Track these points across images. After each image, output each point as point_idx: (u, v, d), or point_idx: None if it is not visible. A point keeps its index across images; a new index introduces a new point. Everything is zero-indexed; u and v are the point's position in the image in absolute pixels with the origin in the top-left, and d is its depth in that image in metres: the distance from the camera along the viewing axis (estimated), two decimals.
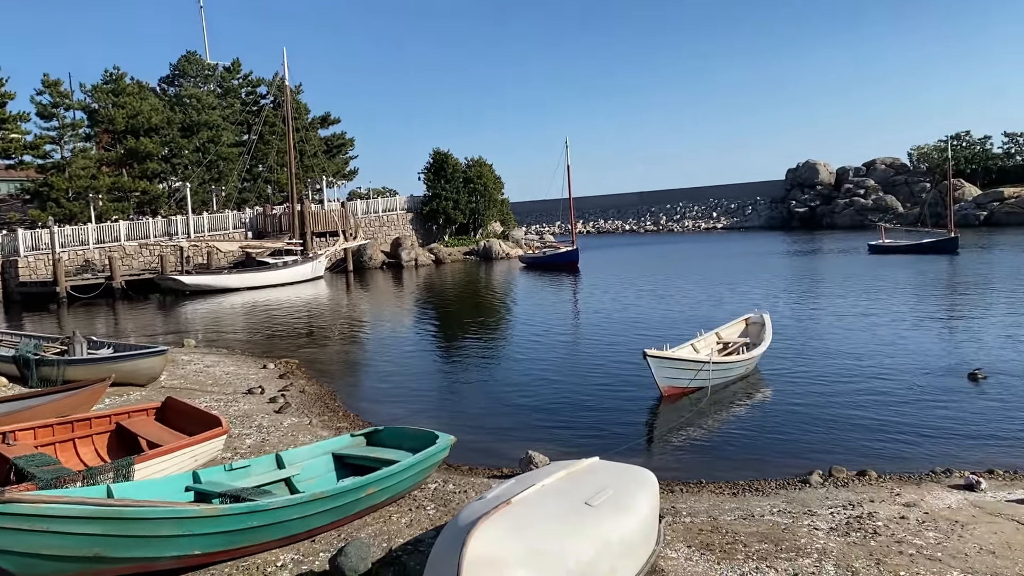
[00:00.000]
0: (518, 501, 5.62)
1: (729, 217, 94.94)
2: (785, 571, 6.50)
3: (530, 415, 14.00)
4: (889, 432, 11.94)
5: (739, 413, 13.70)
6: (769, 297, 28.48)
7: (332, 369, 19.35)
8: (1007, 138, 79.37)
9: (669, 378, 14.55)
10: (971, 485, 8.91)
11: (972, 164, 77.05)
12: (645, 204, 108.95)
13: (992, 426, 11.99)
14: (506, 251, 60.31)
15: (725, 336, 18.02)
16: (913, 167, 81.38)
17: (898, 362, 16.84)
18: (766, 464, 10.71)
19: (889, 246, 47.84)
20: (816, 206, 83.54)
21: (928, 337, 19.66)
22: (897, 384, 14.90)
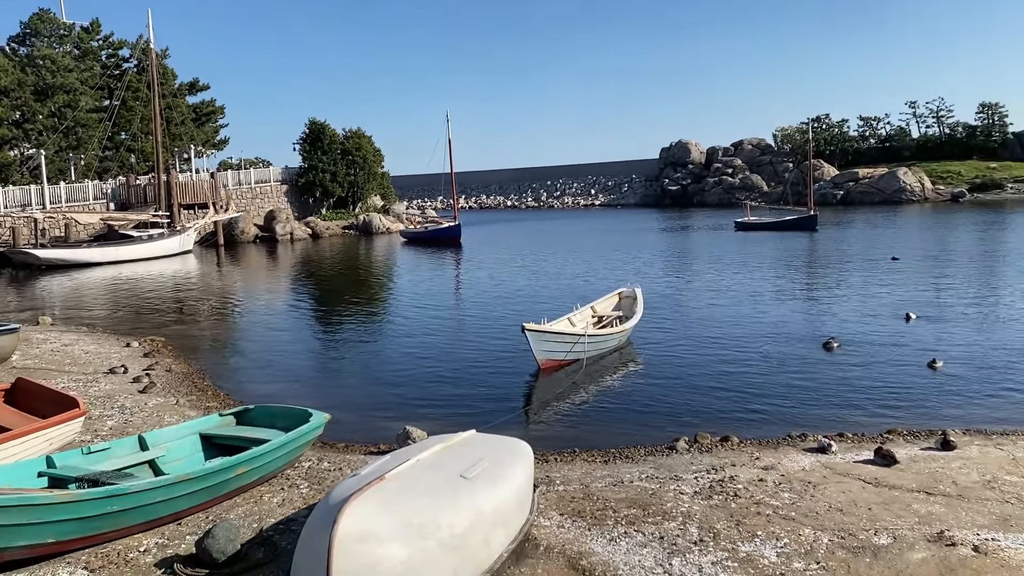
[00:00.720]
0: (392, 476, 5.59)
1: (607, 194, 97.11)
2: (652, 534, 6.76)
3: (409, 391, 13.94)
4: (751, 400, 12.59)
5: (612, 384, 14.10)
6: (642, 272, 29.38)
7: (201, 347, 18.64)
8: (862, 122, 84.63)
9: (546, 351, 14.80)
10: (823, 448, 9.52)
11: (831, 146, 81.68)
12: (526, 180, 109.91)
13: (843, 392, 12.83)
14: (387, 226, 59.57)
15: (600, 310, 18.47)
16: (777, 148, 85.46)
17: (760, 333, 17.74)
18: (637, 432, 11.09)
19: (754, 223, 50.16)
20: (687, 184, 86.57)
21: (788, 309, 20.80)
22: (759, 354, 15.70)
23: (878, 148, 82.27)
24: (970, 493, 7.74)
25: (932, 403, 12.11)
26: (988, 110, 77.69)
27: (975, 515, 7.14)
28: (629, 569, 6.11)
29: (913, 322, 18.12)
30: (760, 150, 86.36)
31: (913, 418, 11.31)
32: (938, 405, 12.00)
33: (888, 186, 69.05)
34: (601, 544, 6.60)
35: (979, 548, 6.33)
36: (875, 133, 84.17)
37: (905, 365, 14.33)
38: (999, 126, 76.96)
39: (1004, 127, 76.83)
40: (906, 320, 18.26)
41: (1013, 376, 13.42)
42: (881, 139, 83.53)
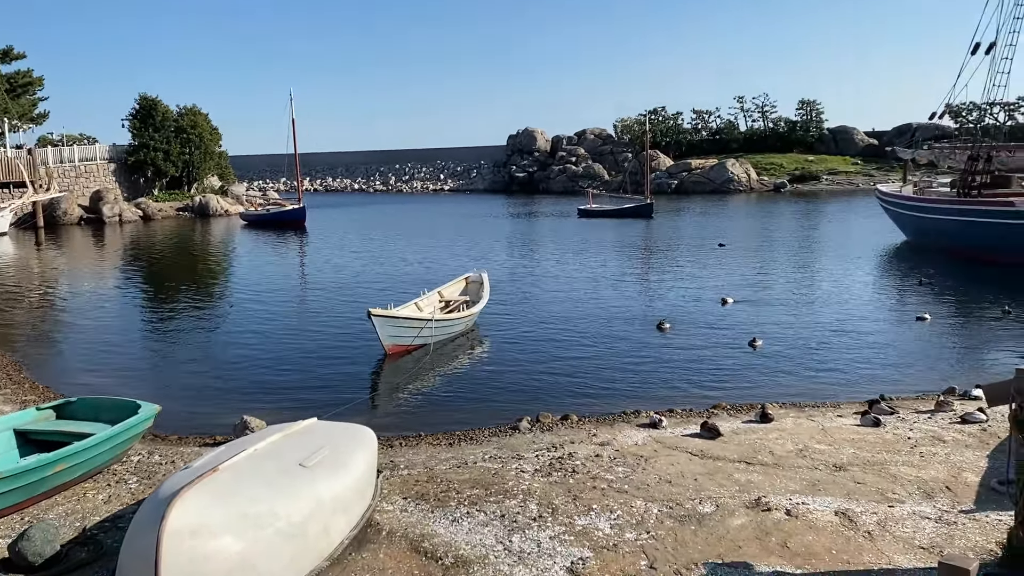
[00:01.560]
0: (226, 468, 5.42)
1: (456, 179, 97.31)
2: (494, 513, 6.92)
3: (248, 380, 13.50)
4: (590, 379, 13.08)
5: (459, 368, 14.24)
6: (489, 257, 29.74)
7: (18, 337, 17.22)
8: (695, 115, 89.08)
9: (393, 336, 14.73)
10: (655, 423, 10.05)
11: (667, 137, 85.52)
12: (375, 164, 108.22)
13: (674, 371, 13.58)
14: (225, 208, 57.01)
15: (447, 295, 18.56)
16: (618, 138, 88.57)
17: (600, 316, 18.43)
18: (482, 414, 11.27)
19: (596, 210, 51.82)
20: (534, 172, 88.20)
21: (625, 293, 21.70)
22: (598, 336, 16.32)
23: (709, 140, 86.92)
24: (785, 461, 8.41)
25: (753, 379, 13.04)
26: (807, 107, 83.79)
27: (788, 481, 7.77)
28: (471, 548, 6.23)
29: (733, 305, 19.33)
30: (602, 140, 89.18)
31: (736, 393, 12.13)
32: (758, 380, 12.93)
33: (718, 176, 73.19)
34: (444, 525, 6.69)
35: (791, 512, 6.91)
36: (707, 126, 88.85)
37: (729, 344, 15.32)
38: (816, 122, 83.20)
39: (820, 123, 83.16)
40: (722, 304, 19.41)
41: (823, 353, 14.65)
42: (712, 132, 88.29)
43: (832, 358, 14.28)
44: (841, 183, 71.20)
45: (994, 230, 25.36)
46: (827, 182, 72.10)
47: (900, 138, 69.48)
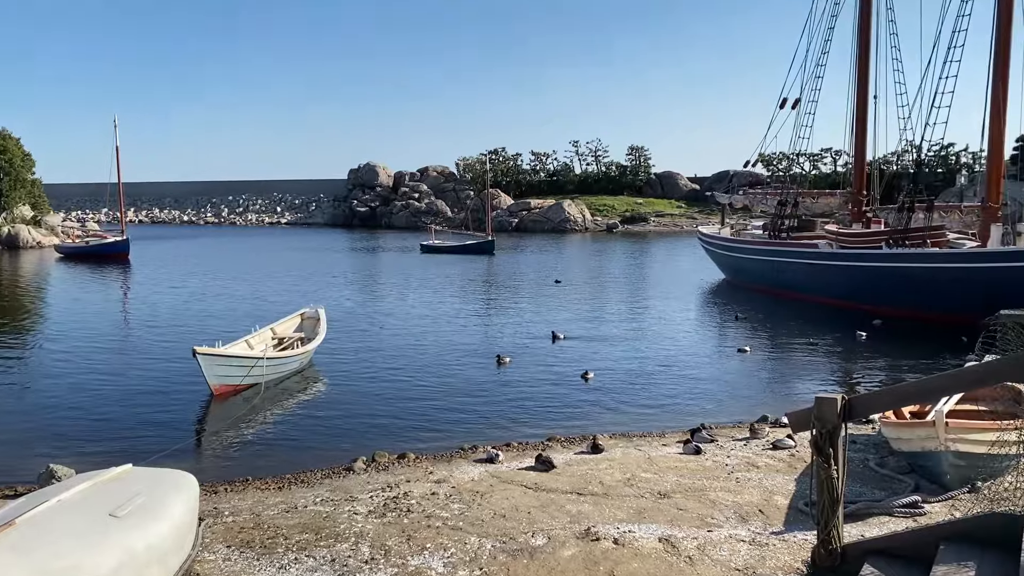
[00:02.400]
0: (25, 521, 4.97)
1: (294, 212, 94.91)
2: (323, 558, 6.72)
3: (59, 425, 12.46)
4: (430, 415, 13.04)
5: (292, 408, 13.79)
6: (328, 292, 29.14)
7: None
8: (534, 157, 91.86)
9: (221, 376, 14.09)
10: (491, 458, 10.13)
11: (507, 177, 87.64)
12: (206, 195, 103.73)
13: (512, 404, 13.78)
14: (38, 239, 52.81)
15: (280, 331, 18.00)
16: (460, 176, 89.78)
17: (440, 351, 18.46)
18: (316, 456, 10.95)
19: (438, 246, 52.11)
20: (376, 206, 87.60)
21: (466, 328, 21.88)
22: (438, 371, 16.32)
23: (547, 181, 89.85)
24: (613, 491, 8.70)
25: (586, 410, 13.45)
26: (636, 152, 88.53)
27: (616, 511, 8.03)
28: None
29: (568, 339, 19.88)
30: (444, 177, 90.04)
31: (570, 425, 12.47)
32: (591, 412, 13.35)
33: (556, 216, 75.64)
34: (270, 573, 6.41)
35: (618, 540, 7.14)
36: (545, 167, 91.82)
37: (564, 378, 15.75)
38: (644, 167, 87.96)
39: (648, 168, 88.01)
40: (557, 339, 19.90)
41: (651, 385, 15.36)
42: (550, 173, 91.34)
43: (659, 389, 14.99)
44: (667, 224, 75.38)
45: (800, 270, 27.63)
46: (654, 223, 76.09)
47: (719, 184, 74.46)
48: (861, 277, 24.63)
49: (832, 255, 26.36)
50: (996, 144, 23.21)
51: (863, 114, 30.15)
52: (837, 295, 25.44)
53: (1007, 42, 22.18)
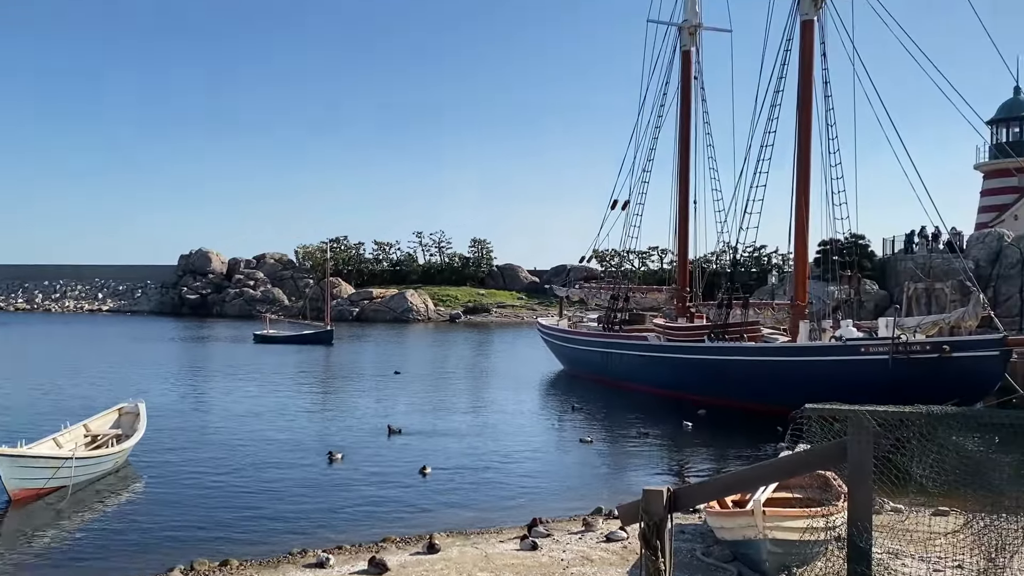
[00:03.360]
0: None
1: (117, 299, 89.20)
2: None
3: None
4: (257, 517, 12.32)
5: (103, 512, 12.67)
6: (149, 385, 27.30)
7: None
8: (377, 246, 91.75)
9: (22, 479, 12.78)
10: (322, 563, 9.65)
11: (348, 266, 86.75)
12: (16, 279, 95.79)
13: (344, 503, 13.29)
14: None
15: (95, 428, 16.61)
16: (299, 264, 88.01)
17: (271, 447, 17.63)
18: (127, 567, 10.05)
19: (273, 336, 50.35)
20: (208, 294, 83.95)
21: (298, 422, 21.07)
22: (266, 470, 15.54)
23: (390, 271, 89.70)
24: None
25: (423, 508, 13.17)
26: (479, 245, 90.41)
27: None
28: None
29: (406, 433, 19.50)
30: (282, 265, 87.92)
31: (407, 523, 12.13)
32: (428, 509, 13.09)
33: (398, 305, 75.33)
34: None
35: None
36: (388, 257, 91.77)
37: (401, 474, 15.40)
38: (487, 259, 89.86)
39: (490, 260, 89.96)
40: (389, 433, 19.47)
41: (490, 479, 15.30)
42: (393, 263, 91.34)
43: (497, 483, 14.95)
44: (508, 315, 76.83)
45: (632, 361, 28.81)
46: (496, 314, 77.37)
47: (557, 277, 77.16)
48: (686, 369, 25.96)
49: (660, 347, 27.69)
50: (801, 248, 25.56)
51: (685, 217, 32.46)
52: (665, 385, 26.63)
53: (806, 160, 24.75)
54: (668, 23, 32.45)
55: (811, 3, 24.54)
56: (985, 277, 34.83)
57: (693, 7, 31.99)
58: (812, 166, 24.83)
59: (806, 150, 24.76)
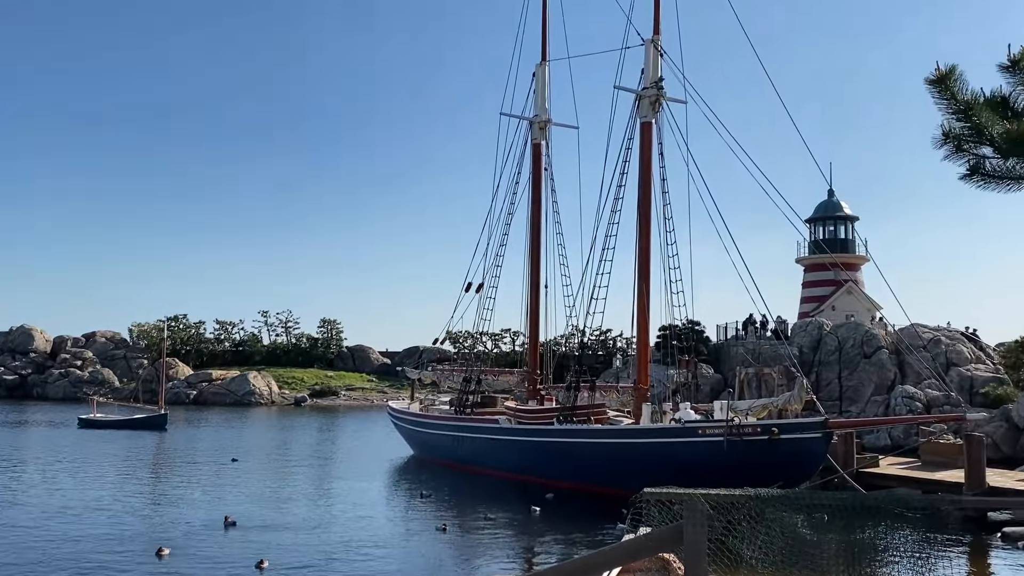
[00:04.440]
0: None
1: None
2: None
3: None
4: None
5: None
6: None
7: None
8: (219, 325, 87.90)
9: None
10: None
11: (187, 345, 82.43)
12: None
13: None
14: None
15: None
16: (133, 343, 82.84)
17: (89, 544, 16.14)
18: None
19: (101, 420, 46.75)
20: (28, 375, 77.32)
21: (124, 515, 19.46)
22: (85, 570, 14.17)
23: (232, 351, 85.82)
24: None
25: None
26: (328, 325, 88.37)
27: None
28: None
29: (242, 525, 18.45)
30: (114, 344, 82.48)
31: None
32: None
33: (239, 388, 71.99)
34: None
35: None
36: (230, 337, 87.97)
37: (235, 569, 14.47)
38: (336, 340, 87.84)
39: (340, 341, 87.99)
40: (225, 525, 18.41)
41: (329, 572, 14.61)
42: (236, 343, 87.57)
43: None
44: (358, 399, 75.07)
45: (483, 444, 28.71)
46: (345, 397, 75.43)
47: (410, 359, 76.52)
48: (536, 451, 26.16)
49: (511, 430, 27.81)
50: (643, 333, 26.72)
51: (536, 300, 33.31)
52: (516, 469, 26.65)
53: (647, 251, 26.19)
54: (520, 117, 33.97)
55: (649, 107, 26.42)
56: (808, 363, 37.56)
57: (543, 104, 33.61)
58: (652, 256, 26.32)
59: (646, 241, 26.20)
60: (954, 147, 7.00)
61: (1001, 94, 6.84)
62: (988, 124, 6.77)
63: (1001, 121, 6.76)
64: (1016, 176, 7.01)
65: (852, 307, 44.22)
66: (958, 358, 38.11)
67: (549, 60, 33.82)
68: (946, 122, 7.00)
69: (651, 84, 26.56)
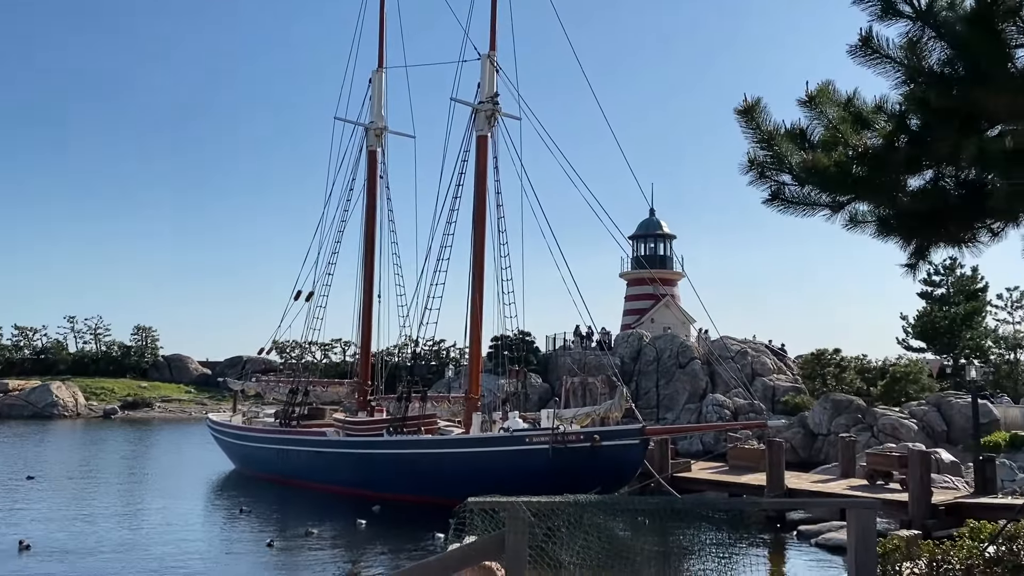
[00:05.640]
0: None
1: None
2: None
3: None
4: None
5: None
6: None
7: None
8: (18, 331, 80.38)
9: None
10: None
11: None
12: None
13: None
14: None
15: None
16: None
17: None
18: None
19: None
20: None
21: None
22: None
23: (33, 360, 78.67)
24: None
25: None
26: (142, 332, 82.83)
27: None
28: None
29: (37, 548, 16.93)
30: None
31: None
32: None
33: (41, 399, 66.09)
34: None
35: None
36: (31, 344, 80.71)
37: None
38: (152, 348, 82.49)
39: (156, 349, 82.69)
40: (19, 549, 16.90)
41: None
42: (37, 351, 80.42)
43: None
44: (175, 411, 70.91)
45: (309, 458, 27.90)
46: (160, 409, 71.04)
47: (232, 369, 73.26)
48: (365, 464, 25.73)
49: (339, 443, 27.21)
50: (475, 344, 27.00)
51: (369, 310, 32.86)
52: (344, 482, 26.07)
53: (481, 262, 26.55)
54: (356, 123, 33.46)
55: (485, 121, 26.85)
56: (629, 372, 39.37)
57: (379, 111, 33.29)
58: (486, 267, 26.69)
59: (480, 253, 26.56)
60: (758, 173, 7.58)
61: (800, 127, 7.49)
62: (788, 154, 7.36)
63: (799, 151, 7.38)
64: (811, 203, 7.67)
65: (669, 320, 46.82)
66: (763, 369, 41.24)
67: (386, 67, 33.59)
68: (751, 150, 7.58)
69: (487, 99, 26.99)
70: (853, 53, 6.61)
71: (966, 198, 7.20)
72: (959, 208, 7.28)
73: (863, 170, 7.08)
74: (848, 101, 7.42)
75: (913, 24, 6.33)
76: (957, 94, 6.34)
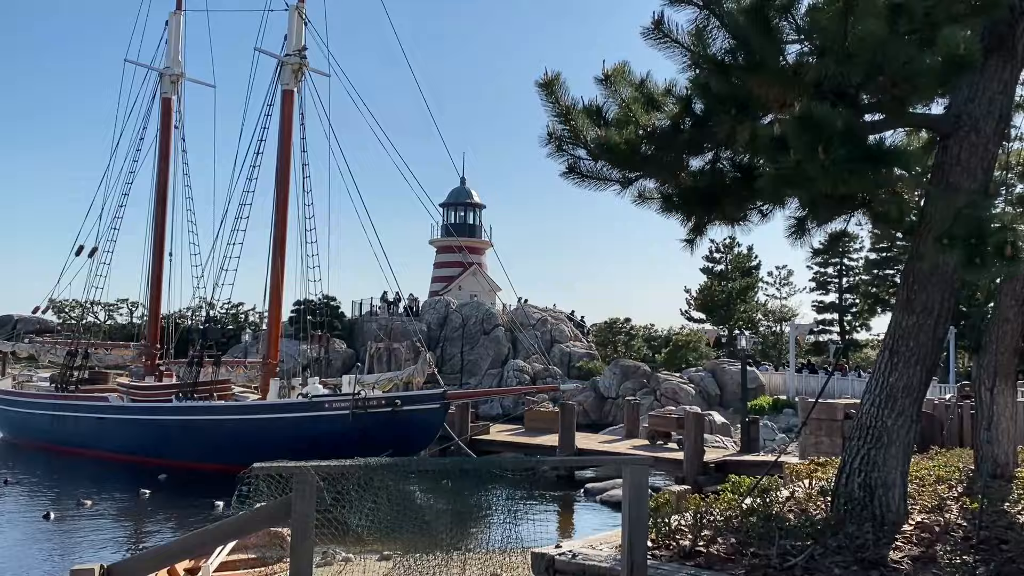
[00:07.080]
0: None
1: None
2: None
3: None
4: None
5: None
6: None
7: None
8: None
9: None
10: None
11: None
12: None
13: None
14: None
15: None
16: None
17: None
18: None
19: None
20: None
21: None
22: None
23: None
24: None
25: None
26: None
27: None
28: None
29: None
30: None
31: None
32: None
33: None
34: None
35: None
36: None
37: None
38: None
39: None
40: None
41: None
42: None
43: None
44: None
45: (89, 424, 25.93)
46: None
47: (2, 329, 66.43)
48: (152, 431, 24.31)
49: (123, 408, 25.53)
50: (275, 308, 26.08)
51: (159, 270, 30.77)
52: (128, 450, 24.49)
53: (283, 223, 25.56)
54: (149, 67, 30.99)
55: (291, 75, 25.74)
56: (436, 338, 39.71)
57: (176, 56, 30.99)
58: (289, 229, 25.73)
59: (283, 213, 25.56)
60: (556, 147, 7.79)
61: (596, 104, 7.79)
62: (584, 129, 7.63)
63: (595, 127, 7.67)
64: (603, 177, 8.01)
65: (476, 288, 47.58)
66: (560, 336, 43.02)
67: (185, 10, 31.28)
68: (551, 123, 7.79)
69: (294, 51, 25.82)
70: (646, 36, 6.91)
71: (740, 180, 7.80)
72: (733, 189, 7.88)
73: (650, 149, 7.48)
74: (642, 82, 7.79)
75: (700, 11, 6.72)
76: (735, 82, 6.80)
